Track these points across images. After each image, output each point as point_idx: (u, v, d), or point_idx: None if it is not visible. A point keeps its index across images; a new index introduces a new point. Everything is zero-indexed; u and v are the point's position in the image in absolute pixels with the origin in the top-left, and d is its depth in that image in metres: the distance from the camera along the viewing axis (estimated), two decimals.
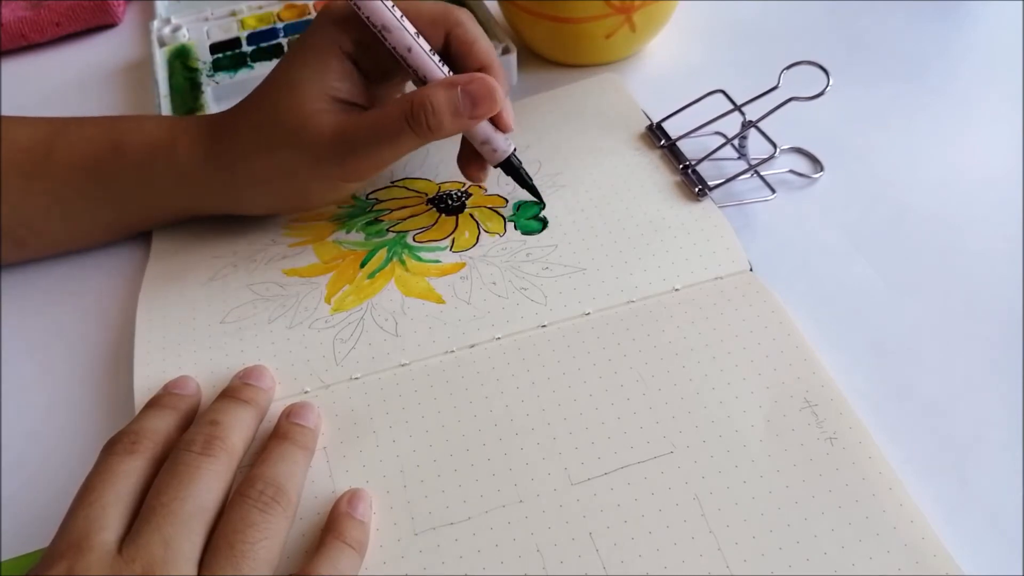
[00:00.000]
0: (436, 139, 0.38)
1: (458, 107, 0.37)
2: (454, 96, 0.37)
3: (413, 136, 0.37)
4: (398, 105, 0.37)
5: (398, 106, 0.37)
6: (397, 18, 0.37)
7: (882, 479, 0.31)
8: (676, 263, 0.39)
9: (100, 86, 0.57)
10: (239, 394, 0.34)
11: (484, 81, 0.37)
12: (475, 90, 0.37)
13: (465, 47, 0.39)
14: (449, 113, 0.37)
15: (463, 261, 0.40)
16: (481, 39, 0.39)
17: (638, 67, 0.52)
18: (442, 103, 0.37)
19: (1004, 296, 0.38)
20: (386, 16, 0.37)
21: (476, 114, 0.38)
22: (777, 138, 0.43)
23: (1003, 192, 0.42)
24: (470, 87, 0.37)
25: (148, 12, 0.63)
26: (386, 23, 0.37)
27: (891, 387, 0.35)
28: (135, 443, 0.31)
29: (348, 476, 0.33)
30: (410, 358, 0.37)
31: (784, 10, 0.56)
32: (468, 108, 0.37)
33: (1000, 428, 0.33)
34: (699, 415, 0.34)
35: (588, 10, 0.48)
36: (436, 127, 0.37)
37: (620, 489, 0.32)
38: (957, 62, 0.50)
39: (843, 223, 0.42)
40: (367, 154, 0.38)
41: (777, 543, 0.30)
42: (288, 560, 0.31)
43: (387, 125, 0.37)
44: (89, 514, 0.28)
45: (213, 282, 0.41)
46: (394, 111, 0.37)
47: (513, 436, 0.34)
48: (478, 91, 0.37)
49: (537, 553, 0.30)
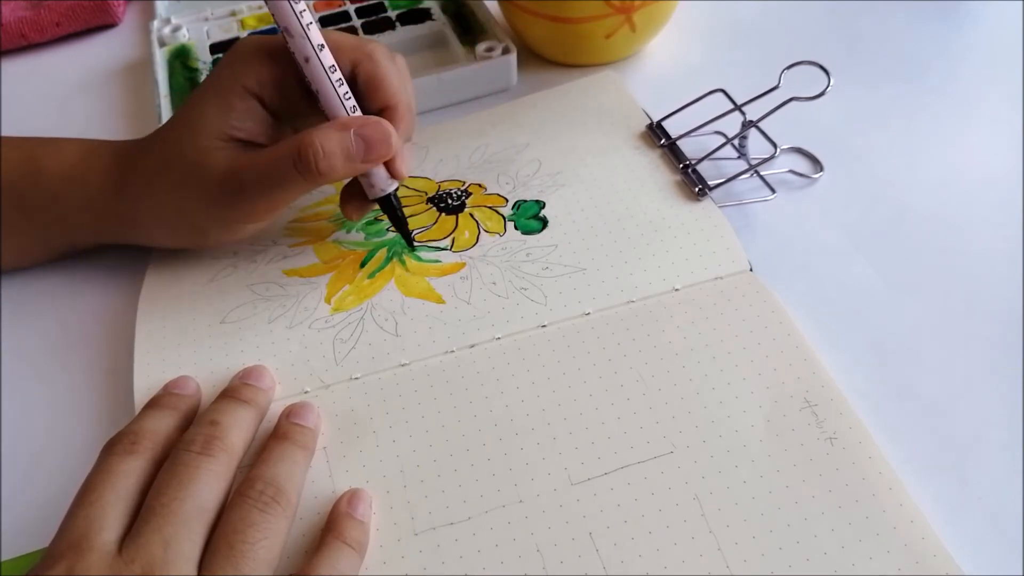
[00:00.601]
0: (328, 183, 0.36)
1: (350, 151, 0.35)
2: (347, 139, 0.35)
3: (301, 180, 0.35)
4: (287, 146, 0.35)
5: (287, 148, 0.35)
6: (302, 24, 0.35)
7: (882, 479, 0.31)
8: (676, 263, 0.39)
9: (100, 86, 0.57)
10: (239, 394, 0.34)
11: (380, 125, 0.36)
12: (369, 134, 0.35)
13: (373, 84, 0.37)
14: (341, 157, 0.35)
15: (463, 261, 0.40)
16: (390, 79, 0.37)
17: (638, 67, 0.52)
18: (334, 146, 0.35)
19: (1004, 296, 0.38)
20: (289, 18, 0.35)
21: (369, 159, 0.36)
22: (777, 138, 0.43)
23: (1003, 192, 0.42)
24: (364, 130, 0.35)
25: (148, 12, 0.63)
26: (289, 26, 0.35)
27: (891, 387, 0.35)
28: (135, 443, 0.31)
29: (348, 476, 0.33)
30: (410, 358, 0.37)
31: (784, 10, 0.56)
32: (361, 152, 0.35)
33: (1000, 428, 0.33)
34: (699, 415, 0.34)
35: (588, 10, 0.48)
36: (327, 171, 0.35)
37: (620, 489, 0.32)
38: (957, 62, 0.50)
39: (843, 223, 0.42)
40: (256, 196, 0.36)
41: (777, 543, 0.30)
42: (288, 560, 0.31)
43: (275, 167, 0.36)
44: (89, 514, 0.28)
45: (213, 283, 0.41)
46: (282, 152, 0.35)
47: (513, 436, 0.34)
48: (372, 135, 0.35)
49: (537, 553, 0.30)
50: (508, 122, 0.48)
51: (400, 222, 0.40)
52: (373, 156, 0.36)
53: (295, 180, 0.35)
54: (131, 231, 0.41)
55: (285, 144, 0.35)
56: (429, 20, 0.55)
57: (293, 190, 0.36)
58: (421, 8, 0.56)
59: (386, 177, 0.38)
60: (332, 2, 0.58)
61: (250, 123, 0.37)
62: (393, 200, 0.39)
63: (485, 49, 0.51)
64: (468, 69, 0.50)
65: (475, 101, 0.51)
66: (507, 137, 0.47)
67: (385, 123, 0.36)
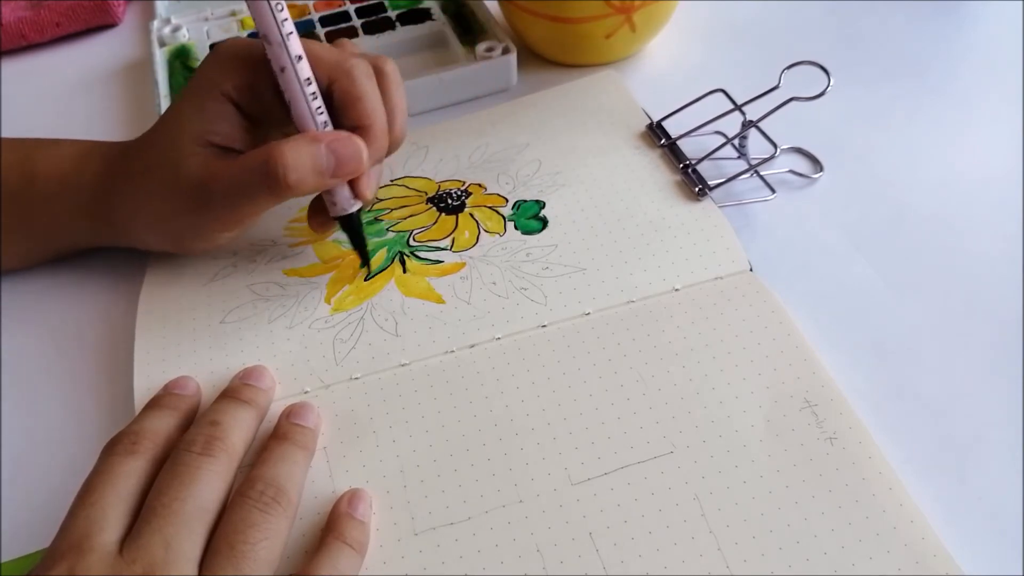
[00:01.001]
0: (296, 196, 0.35)
1: (320, 165, 0.34)
2: (317, 152, 0.34)
3: (268, 192, 0.34)
4: (255, 156, 0.34)
5: (254, 158, 0.34)
6: (282, 33, 0.34)
7: (882, 479, 0.31)
8: (676, 263, 0.39)
9: (100, 86, 0.57)
10: (239, 394, 0.34)
11: (351, 141, 0.35)
12: (340, 150, 0.35)
13: (348, 101, 0.36)
14: (311, 170, 0.34)
15: (463, 261, 0.40)
16: (366, 98, 0.36)
17: (638, 67, 0.52)
18: (303, 159, 0.34)
19: (1004, 296, 0.38)
20: (270, 26, 0.33)
21: (338, 174, 0.35)
22: (777, 138, 0.43)
23: (1003, 192, 0.42)
24: (335, 145, 0.35)
25: (148, 12, 0.63)
26: (268, 34, 0.34)
27: (891, 387, 0.35)
28: (135, 444, 0.31)
29: (348, 476, 0.33)
30: (410, 358, 0.37)
31: (784, 10, 0.56)
32: (331, 167, 0.35)
33: (1000, 428, 0.33)
34: (699, 415, 0.34)
35: (588, 10, 0.48)
36: (296, 184, 0.34)
37: (620, 489, 0.32)
38: (957, 62, 0.50)
39: (843, 223, 0.42)
40: (225, 206, 0.36)
41: (777, 543, 0.30)
42: (288, 560, 0.31)
43: (243, 178, 0.35)
44: (90, 515, 0.28)
45: (213, 282, 0.41)
46: (249, 162, 0.35)
47: (513, 436, 0.34)
48: (343, 151, 0.35)
49: (537, 553, 0.30)
50: (508, 122, 0.48)
51: (360, 244, 0.39)
52: (342, 172, 0.35)
53: (262, 192, 0.35)
54: (122, 235, 0.41)
55: (253, 154, 0.35)
56: (429, 20, 0.55)
57: (260, 202, 0.35)
58: (421, 8, 0.56)
59: (349, 197, 0.37)
60: (332, 2, 0.58)
61: (227, 128, 0.37)
62: (354, 221, 0.38)
63: (485, 49, 0.51)
64: (468, 69, 0.50)
65: (475, 101, 0.51)
66: (507, 137, 0.47)
67: (357, 139, 0.35)
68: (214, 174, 0.36)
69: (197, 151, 0.36)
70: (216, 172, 0.36)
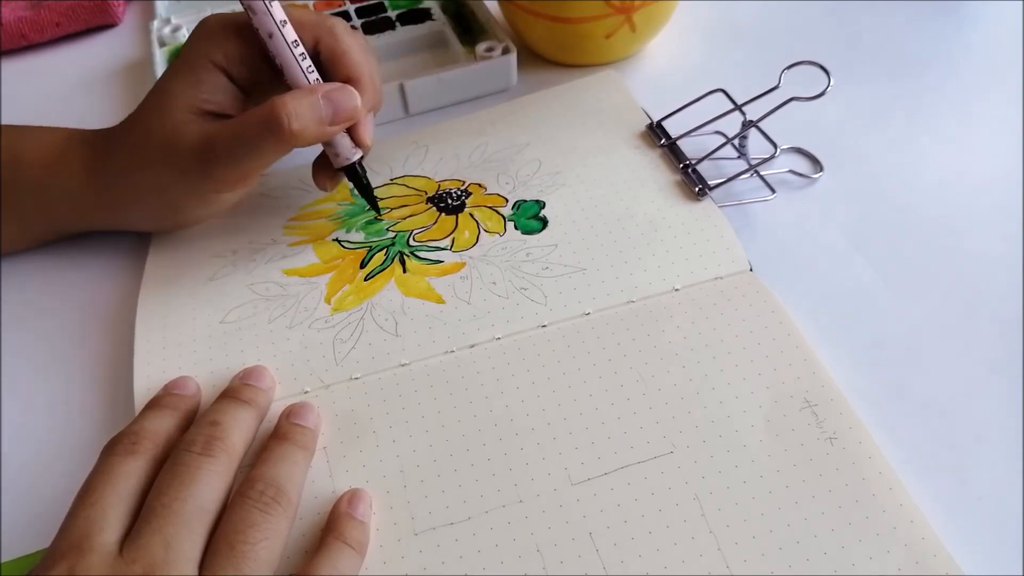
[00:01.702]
0: (299, 145, 0.37)
1: (320, 113, 0.37)
2: (316, 102, 0.36)
3: (274, 142, 0.36)
4: (259, 111, 0.36)
5: (259, 112, 0.36)
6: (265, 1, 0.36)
7: (882, 479, 0.31)
8: (676, 263, 0.39)
9: (100, 86, 0.57)
10: (239, 394, 0.34)
11: (346, 90, 0.37)
12: (336, 98, 0.37)
13: (335, 57, 0.38)
14: (312, 119, 0.36)
15: (463, 261, 0.41)
16: (352, 51, 0.38)
17: (638, 67, 0.52)
18: (304, 109, 0.36)
19: (1004, 296, 0.38)
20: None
21: (338, 120, 0.37)
22: (777, 138, 0.43)
23: (1003, 192, 0.42)
24: (332, 94, 0.37)
25: (148, 12, 0.63)
26: (252, 4, 0.36)
27: (891, 387, 0.35)
28: (135, 444, 0.31)
29: (348, 476, 0.33)
30: (410, 358, 0.37)
31: (784, 10, 0.56)
32: (330, 115, 0.37)
33: (1000, 428, 0.33)
34: (699, 415, 0.34)
35: (588, 10, 0.48)
36: (300, 131, 0.36)
37: (620, 489, 0.32)
38: (957, 62, 0.50)
39: (843, 223, 0.42)
40: (230, 163, 0.37)
41: (777, 543, 0.30)
42: (288, 560, 0.31)
43: (247, 132, 0.37)
44: (90, 515, 0.28)
45: (212, 282, 0.41)
46: (254, 117, 0.36)
47: (513, 436, 0.34)
48: (339, 99, 0.37)
49: (537, 553, 0.30)
50: (508, 122, 0.48)
51: (366, 190, 0.41)
52: (341, 118, 0.37)
53: (268, 143, 0.36)
54: (111, 216, 0.42)
55: (257, 110, 0.36)
56: (429, 20, 0.55)
57: (266, 154, 0.37)
58: (421, 8, 0.56)
59: (351, 146, 0.39)
60: (332, 2, 0.58)
61: (219, 96, 0.38)
62: (358, 168, 0.40)
63: (485, 49, 0.51)
64: (468, 69, 0.50)
65: (475, 101, 0.51)
66: (507, 137, 0.47)
67: (350, 88, 0.38)
68: (215, 133, 0.37)
69: (192, 119, 0.38)
70: (217, 131, 0.37)
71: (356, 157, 0.40)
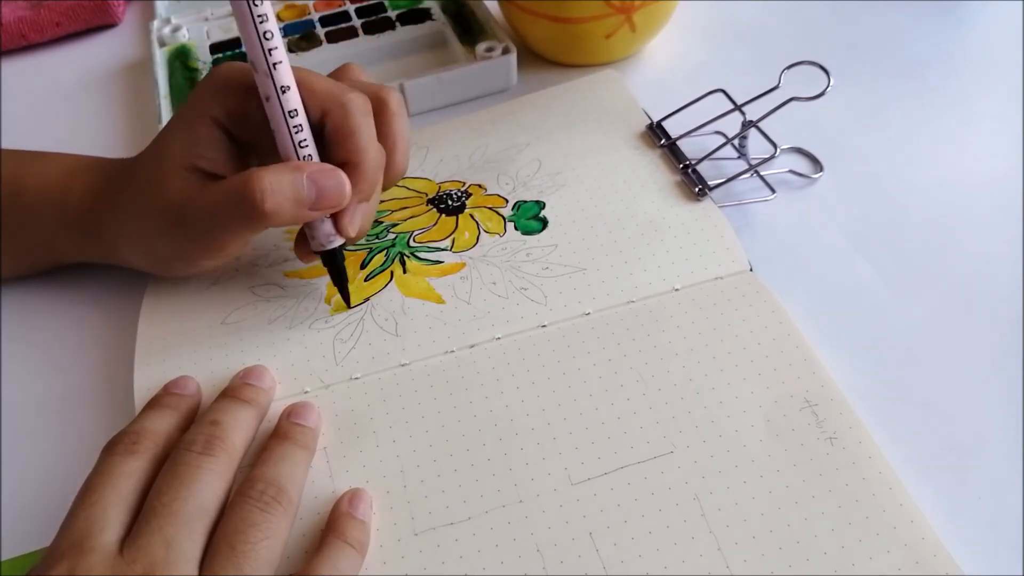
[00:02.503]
0: (273, 226, 0.34)
1: (301, 194, 0.33)
2: (298, 180, 0.33)
3: (244, 218, 0.33)
4: (235, 181, 0.33)
5: (234, 182, 0.33)
6: (269, 63, 0.33)
7: (882, 479, 0.31)
8: (676, 263, 0.39)
9: (100, 86, 0.57)
10: (239, 394, 0.34)
11: (335, 174, 0.34)
12: (322, 181, 0.34)
13: (340, 136, 0.34)
14: (291, 199, 0.33)
15: (463, 261, 0.41)
16: (359, 134, 0.34)
17: (638, 67, 0.52)
18: (283, 186, 0.33)
19: (1004, 296, 0.38)
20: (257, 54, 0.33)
21: (319, 207, 0.34)
22: (777, 138, 0.43)
23: (1003, 192, 0.42)
24: (317, 176, 0.33)
25: (148, 12, 0.63)
26: (255, 61, 0.33)
27: (891, 387, 0.35)
28: (136, 443, 0.31)
29: (348, 476, 0.33)
30: (410, 358, 0.37)
31: (784, 10, 0.56)
32: (312, 198, 0.33)
33: (1000, 428, 0.33)
34: (699, 415, 0.34)
35: (588, 10, 0.48)
36: (273, 211, 0.33)
37: (620, 489, 0.32)
38: (957, 62, 0.50)
39: (843, 223, 0.42)
40: (201, 233, 0.35)
41: (777, 543, 0.30)
42: (289, 560, 0.31)
43: (219, 201, 0.34)
44: (90, 515, 0.28)
45: (215, 285, 0.41)
46: (228, 188, 0.34)
47: (513, 436, 0.34)
48: (325, 184, 0.34)
49: (537, 553, 0.30)
50: (508, 122, 0.48)
51: (341, 282, 0.38)
52: (323, 204, 0.34)
53: (237, 218, 0.34)
54: (105, 252, 0.40)
55: (234, 179, 0.34)
56: (429, 20, 0.55)
57: (235, 229, 0.35)
58: (421, 8, 0.56)
59: (330, 232, 0.36)
60: (332, 2, 0.58)
61: (214, 153, 0.36)
62: (336, 257, 0.37)
63: (485, 49, 0.51)
64: (468, 69, 0.50)
65: (475, 101, 0.51)
66: (507, 137, 0.47)
67: (340, 173, 0.34)
68: (191, 197, 0.35)
69: (181, 174, 0.35)
70: (193, 195, 0.35)
71: (333, 245, 0.37)
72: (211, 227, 0.35)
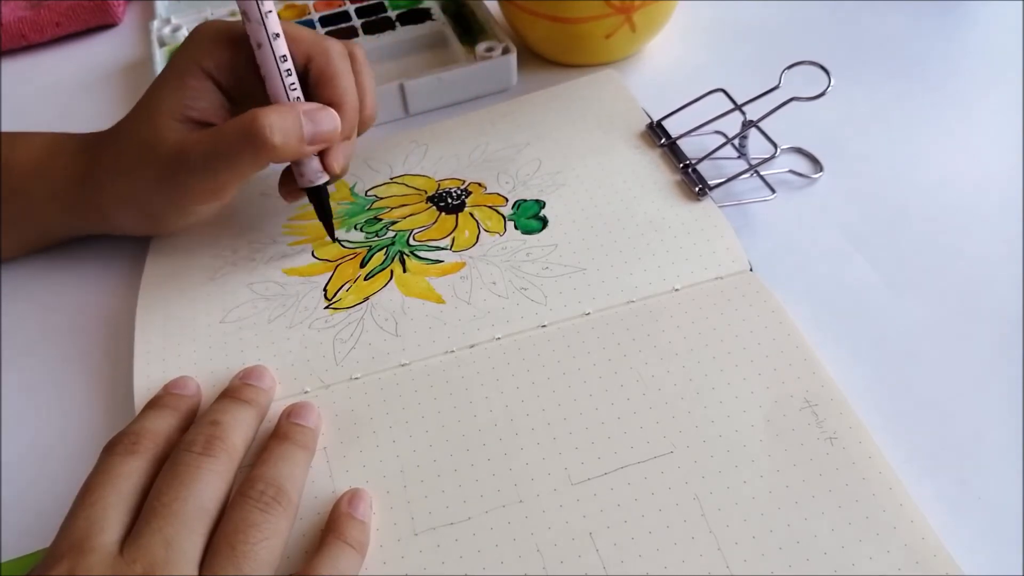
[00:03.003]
0: (277, 161, 0.37)
1: (300, 131, 0.36)
2: (298, 118, 0.36)
3: (252, 154, 0.36)
4: (238, 121, 0.36)
5: (238, 123, 0.36)
6: (261, 11, 0.36)
7: (882, 479, 0.31)
8: (676, 263, 0.39)
9: (100, 86, 0.57)
10: (239, 394, 0.34)
11: (328, 112, 0.37)
12: (318, 118, 0.36)
13: (323, 79, 0.38)
14: (294, 136, 0.36)
15: (463, 261, 0.41)
16: (340, 76, 0.38)
17: (638, 67, 0.52)
18: (288, 123, 0.36)
19: (1004, 296, 0.38)
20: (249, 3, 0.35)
21: (315, 141, 0.37)
22: (777, 138, 0.43)
23: (1003, 192, 0.42)
24: (314, 114, 0.36)
25: (148, 12, 0.63)
26: (248, 11, 0.36)
27: (891, 387, 0.35)
28: (135, 443, 0.31)
29: (348, 476, 0.33)
30: (410, 358, 0.37)
31: (784, 10, 0.56)
32: (309, 134, 0.36)
33: (1000, 428, 0.33)
34: (699, 415, 0.34)
35: (588, 10, 0.48)
36: (282, 144, 0.35)
37: (620, 489, 0.32)
38: (957, 62, 0.50)
39: (843, 223, 0.42)
40: (203, 174, 0.37)
41: (777, 543, 0.30)
42: (289, 560, 0.31)
43: (224, 141, 0.36)
44: (90, 515, 0.28)
45: (212, 282, 0.41)
46: (233, 127, 0.36)
47: (513, 436, 0.34)
48: (321, 120, 0.37)
49: (537, 553, 0.30)
50: (508, 121, 0.48)
51: (326, 216, 0.41)
52: (319, 139, 0.37)
53: (245, 155, 0.36)
54: (97, 220, 0.42)
55: (236, 120, 0.36)
56: (429, 20, 0.55)
57: (242, 166, 0.37)
58: (421, 8, 0.56)
59: (318, 169, 0.39)
60: (332, 2, 0.58)
61: (204, 104, 0.38)
62: (322, 193, 0.40)
63: (485, 49, 0.51)
64: (468, 69, 0.50)
65: (475, 101, 0.51)
66: (507, 136, 0.47)
67: (331, 111, 0.37)
68: (192, 141, 0.37)
69: (175, 126, 0.37)
70: (194, 139, 0.37)
71: (321, 181, 0.39)
72: (214, 167, 0.37)
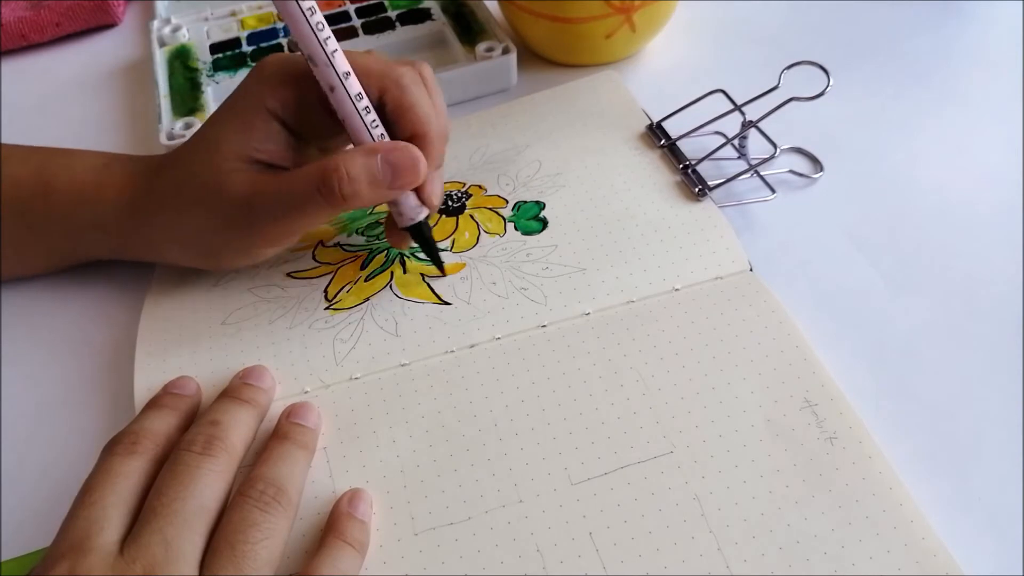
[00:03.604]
0: (352, 208, 0.35)
1: (376, 176, 0.34)
2: (373, 164, 0.34)
3: (323, 205, 0.34)
4: (310, 171, 0.34)
5: (310, 172, 0.34)
6: (327, 52, 0.33)
7: (882, 479, 0.31)
8: (676, 263, 0.39)
9: (100, 86, 0.57)
10: (239, 394, 0.34)
11: (408, 151, 0.35)
12: (397, 160, 0.34)
13: (401, 111, 0.36)
14: (367, 182, 0.34)
15: (463, 262, 0.41)
16: (420, 105, 0.36)
17: (638, 67, 0.52)
18: (359, 171, 0.34)
19: (1004, 296, 0.38)
20: (314, 47, 0.33)
21: (396, 185, 0.35)
22: (777, 138, 0.43)
23: (1003, 191, 0.42)
24: (392, 156, 0.34)
25: (148, 12, 0.63)
26: (313, 55, 0.33)
27: (891, 387, 0.35)
28: (135, 443, 0.31)
29: (348, 476, 0.33)
30: (410, 358, 0.37)
31: (784, 10, 0.56)
32: (388, 178, 0.34)
33: (1000, 428, 0.33)
34: (699, 415, 0.34)
35: (588, 10, 0.48)
36: (351, 196, 0.34)
37: (620, 489, 0.32)
38: (958, 62, 0.50)
39: (843, 223, 0.42)
40: (274, 220, 0.36)
41: (777, 543, 0.30)
42: (289, 560, 0.31)
43: (296, 191, 0.35)
44: (90, 515, 0.28)
45: (217, 287, 0.41)
46: (305, 176, 0.35)
47: (513, 436, 0.34)
48: (400, 161, 0.34)
49: (537, 553, 0.30)
50: (508, 122, 0.48)
51: (431, 251, 0.39)
52: (400, 182, 0.35)
53: (317, 205, 0.35)
54: (144, 250, 0.40)
55: (308, 168, 0.35)
56: (429, 20, 0.55)
57: (315, 215, 0.35)
58: (421, 8, 0.56)
59: (415, 205, 0.37)
60: (332, 2, 0.58)
61: (272, 145, 0.36)
62: (424, 229, 0.38)
63: (485, 49, 0.51)
64: (468, 69, 0.50)
65: (475, 101, 0.51)
66: (507, 138, 0.47)
67: (413, 148, 0.35)
68: (261, 190, 0.35)
69: (240, 167, 0.36)
70: (266, 187, 0.35)
71: (420, 217, 0.37)
72: (285, 215, 0.35)
